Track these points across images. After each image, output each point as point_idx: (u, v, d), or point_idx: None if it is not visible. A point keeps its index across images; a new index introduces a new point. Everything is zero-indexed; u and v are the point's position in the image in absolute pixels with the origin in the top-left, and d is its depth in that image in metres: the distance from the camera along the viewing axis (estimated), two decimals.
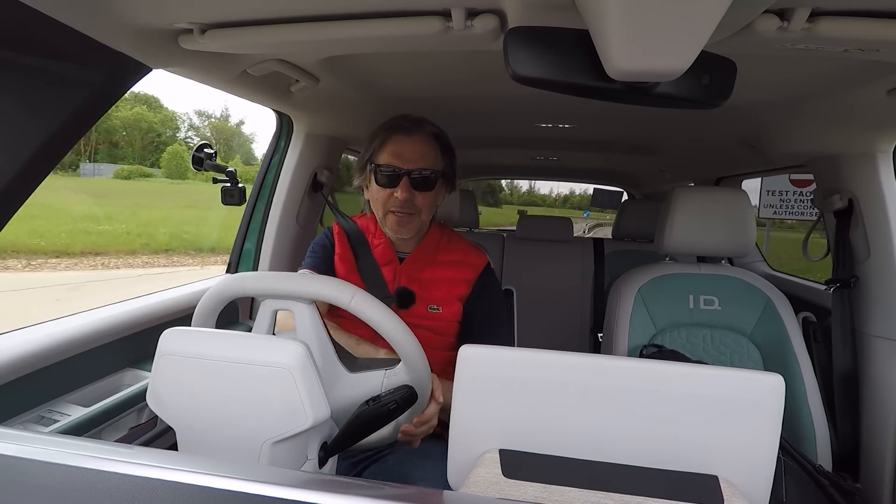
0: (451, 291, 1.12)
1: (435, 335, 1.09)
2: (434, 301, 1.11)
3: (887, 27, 0.67)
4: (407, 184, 1.06)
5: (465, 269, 1.15)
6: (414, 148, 1.08)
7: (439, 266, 1.15)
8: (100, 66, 0.79)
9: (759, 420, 0.55)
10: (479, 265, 1.17)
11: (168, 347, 0.72)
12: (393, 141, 1.09)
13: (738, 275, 1.39)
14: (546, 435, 0.59)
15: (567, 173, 3.77)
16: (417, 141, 1.08)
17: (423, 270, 1.14)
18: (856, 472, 1.27)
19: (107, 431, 1.00)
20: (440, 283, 1.13)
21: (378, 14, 0.75)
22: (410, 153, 1.07)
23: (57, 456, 0.37)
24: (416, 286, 1.11)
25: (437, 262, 1.15)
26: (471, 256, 1.18)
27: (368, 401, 0.75)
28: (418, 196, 1.08)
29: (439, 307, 1.11)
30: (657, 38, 0.50)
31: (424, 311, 1.10)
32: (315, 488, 0.35)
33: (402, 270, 1.13)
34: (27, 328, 0.97)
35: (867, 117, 1.18)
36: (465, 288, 1.13)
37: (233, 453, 0.71)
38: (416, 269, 1.14)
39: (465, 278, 1.14)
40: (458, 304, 1.12)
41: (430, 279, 1.13)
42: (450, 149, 1.14)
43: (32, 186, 0.78)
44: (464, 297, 1.13)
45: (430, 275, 1.13)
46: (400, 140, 1.08)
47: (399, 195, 1.06)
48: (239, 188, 1.45)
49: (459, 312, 1.12)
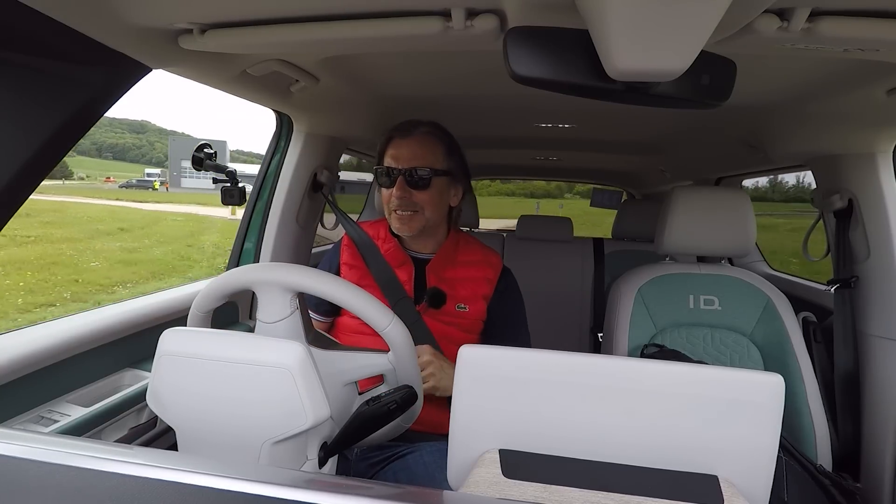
0: (475, 290, 1.16)
1: (459, 331, 1.14)
2: (461, 300, 1.15)
3: (887, 27, 0.67)
4: (402, 182, 1.10)
5: (486, 269, 1.19)
6: (410, 148, 1.11)
7: (461, 266, 1.18)
8: (100, 67, 0.79)
9: (759, 420, 0.55)
10: (497, 264, 1.21)
11: (168, 347, 0.72)
12: (392, 144, 1.13)
13: (738, 275, 1.39)
14: (546, 435, 0.59)
15: (567, 173, 3.77)
16: (413, 141, 1.12)
17: (446, 270, 1.17)
18: (856, 471, 1.27)
19: (107, 431, 1.00)
20: (464, 281, 1.16)
21: (378, 14, 0.75)
22: (406, 153, 1.11)
23: (57, 456, 0.37)
24: (443, 285, 1.14)
25: (458, 262, 1.19)
26: (489, 256, 1.22)
27: (368, 400, 0.75)
28: (416, 194, 1.10)
29: (466, 306, 1.15)
30: (657, 38, 0.50)
31: (452, 310, 1.14)
32: (315, 488, 0.35)
33: (431, 271, 1.17)
34: (27, 328, 0.97)
35: (867, 117, 1.18)
36: (489, 287, 1.17)
37: (233, 453, 0.71)
38: (441, 269, 1.17)
39: (486, 277, 1.18)
40: (483, 302, 1.16)
41: (453, 278, 1.16)
42: (456, 149, 1.17)
43: (32, 187, 0.78)
44: (488, 296, 1.17)
45: (454, 274, 1.17)
46: (397, 142, 1.13)
47: (395, 193, 1.10)
48: (239, 188, 1.46)
49: (484, 311, 1.16)
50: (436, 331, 1.11)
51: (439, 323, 1.12)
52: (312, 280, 0.77)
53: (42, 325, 0.99)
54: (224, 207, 1.49)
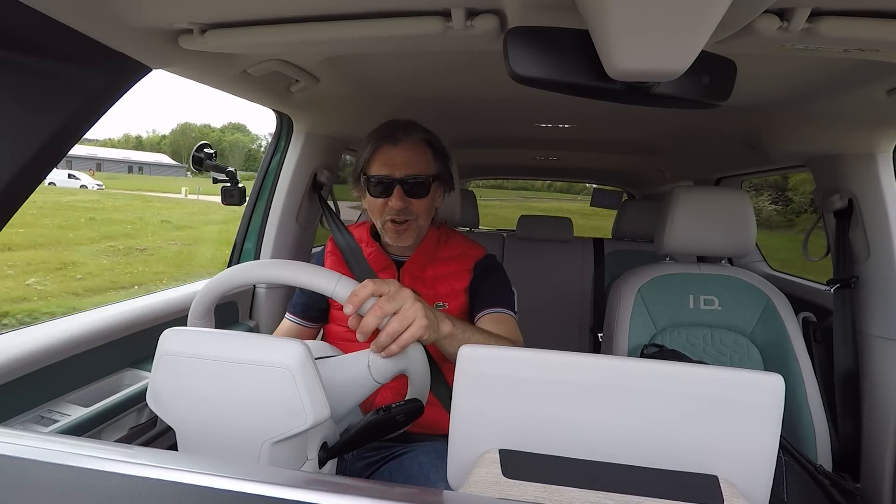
0: (454, 285, 1.14)
1: None
2: (439, 297, 1.12)
3: (887, 27, 0.67)
4: (400, 192, 1.06)
5: (466, 261, 1.17)
6: (404, 155, 1.07)
7: (441, 262, 1.16)
8: (100, 67, 0.79)
9: (759, 420, 0.55)
10: (477, 254, 1.18)
11: (168, 347, 0.72)
12: (382, 150, 1.08)
13: (738, 275, 1.39)
14: (546, 435, 0.59)
15: (567, 173, 3.77)
16: (407, 148, 1.08)
17: (425, 269, 1.15)
18: (856, 472, 1.27)
19: (107, 431, 1.00)
20: (443, 278, 1.14)
21: (378, 14, 0.75)
22: (401, 160, 1.06)
23: (57, 456, 0.37)
24: (419, 285, 1.12)
25: (437, 259, 1.16)
26: (469, 249, 1.19)
27: (378, 409, 0.76)
28: (413, 203, 1.07)
29: (445, 303, 1.12)
30: (657, 38, 0.50)
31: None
32: (315, 488, 0.35)
33: (405, 272, 1.14)
34: (27, 328, 0.97)
35: (867, 117, 1.18)
36: (468, 277, 1.15)
37: (233, 453, 0.71)
38: (417, 268, 1.15)
39: (466, 268, 1.16)
40: (464, 295, 1.14)
41: (433, 276, 1.14)
42: (442, 151, 1.14)
43: (32, 187, 0.78)
44: (467, 286, 1.14)
45: (433, 272, 1.15)
46: (388, 149, 1.08)
47: (393, 204, 1.06)
48: (239, 188, 1.46)
49: (465, 303, 1.14)
50: None
51: None
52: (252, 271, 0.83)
53: (42, 325, 0.99)
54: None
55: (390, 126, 1.10)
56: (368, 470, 1.05)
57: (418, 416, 0.78)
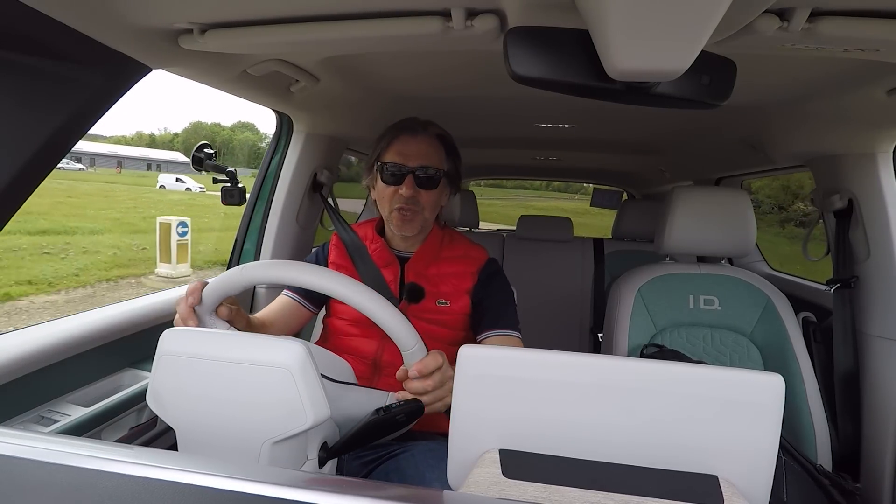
0: (458, 286, 1.15)
1: (443, 328, 1.12)
2: (442, 296, 1.13)
3: (887, 27, 0.67)
4: (411, 181, 1.09)
5: (470, 263, 1.18)
6: (420, 147, 1.11)
7: (445, 262, 1.17)
8: (100, 67, 0.79)
9: (759, 420, 0.55)
10: (481, 257, 1.20)
11: (168, 347, 0.72)
12: (399, 140, 1.12)
13: (738, 275, 1.39)
14: (546, 435, 0.59)
15: (567, 173, 3.77)
16: (423, 141, 1.12)
17: (429, 267, 1.16)
18: (856, 472, 1.27)
19: (107, 431, 1.00)
20: (447, 277, 1.15)
21: (378, 14, 0.75)
22: (416, 151, 1.10)
23: (57, 456, 0.37)
24: (422, 282, 1.13)
25: (441, 258, 1.18)
26: (473, 251, 1.21)
27: (378, 410, 0.76)
28: (422, 193, 1.10)
29: (447, 301, 1.13)
30: (657, 38, 0.50)
31: (433, 306, 1.13)
32: (315, 488, 0.35)
33: (409, 268, 1.16)
34: (27, 328, 0.97)
35: (867, 117, 1.18)
36: (472, 280, 1.16)
37: (233, 453, 0.71)
38: (422, 265, 1.16)
39: (470, 271, 1.17)
40: (467, 297, 1.15)
41: (437, 275, 1.15)
42: (455, 151, 1.18)
43: (32, 186, 0.78)
44: (471, 289, 1.16)
45: (437, 270, 1.16)
46: (406, 139, 1.12)
47: (404, 192, 1.09)
48: (239, 188, 1.46)
49: (468, 305, 1.15)
50: (420, 329, 1.10)
51: (423, 321, 1.10)
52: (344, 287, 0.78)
53: (42, 325, 0.99)
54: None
55: (410, 120, 1.15)
56: (365, 469, 1.05)
57: (419, 416, 0.78)
